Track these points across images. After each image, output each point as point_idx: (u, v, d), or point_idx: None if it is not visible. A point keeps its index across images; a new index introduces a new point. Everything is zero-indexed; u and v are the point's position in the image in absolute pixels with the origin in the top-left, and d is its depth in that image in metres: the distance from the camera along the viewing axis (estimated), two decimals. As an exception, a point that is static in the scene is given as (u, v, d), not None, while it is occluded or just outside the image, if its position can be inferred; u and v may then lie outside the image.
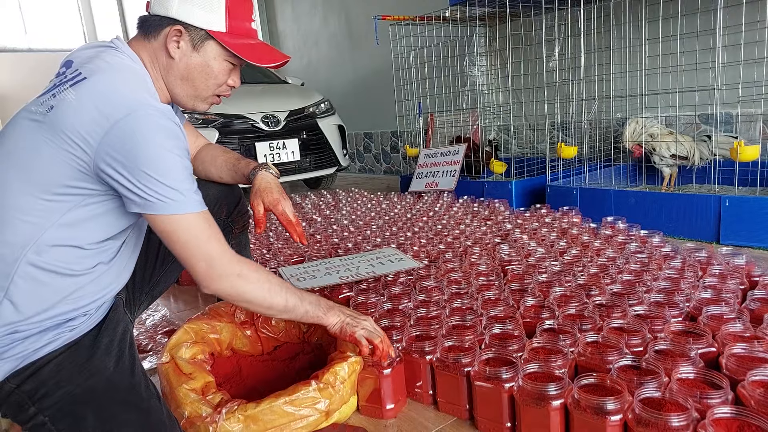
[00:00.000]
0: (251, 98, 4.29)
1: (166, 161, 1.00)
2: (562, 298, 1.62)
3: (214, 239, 1.07)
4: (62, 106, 0.98)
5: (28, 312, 1.03)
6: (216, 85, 1.19)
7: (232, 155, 1.58)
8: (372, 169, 6.46)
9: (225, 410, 1.17)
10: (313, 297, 1.27)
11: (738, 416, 1.00)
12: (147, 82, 1.10)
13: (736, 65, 2.73)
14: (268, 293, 1.15)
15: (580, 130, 3.67)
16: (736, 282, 1.67)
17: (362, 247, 2.42)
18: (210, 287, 1.09)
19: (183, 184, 1.02)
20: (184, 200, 1.02)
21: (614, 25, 3.55)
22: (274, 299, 1.16)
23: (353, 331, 1.27)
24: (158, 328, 1.97)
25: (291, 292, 1.20)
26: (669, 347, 1.27)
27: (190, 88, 1.18)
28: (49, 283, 1.03)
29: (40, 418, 1.01)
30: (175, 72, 1.15)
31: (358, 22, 6.13)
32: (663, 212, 2.70)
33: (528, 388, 1.15)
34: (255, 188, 1.50)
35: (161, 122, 1.01)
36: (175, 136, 1.03)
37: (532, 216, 2.83)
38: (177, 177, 1.02)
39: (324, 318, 1.27)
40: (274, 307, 1.18)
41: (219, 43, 1.14)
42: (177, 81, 1.16)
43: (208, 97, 1.21)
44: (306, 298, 1.24)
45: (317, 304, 1.26)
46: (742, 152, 2.53)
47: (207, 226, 1.07)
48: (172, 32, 1.11)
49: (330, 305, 1.29)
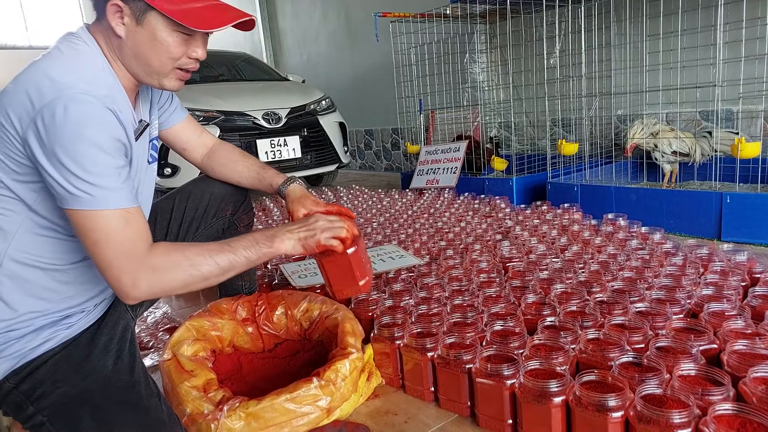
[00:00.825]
0: (252, 95, 4.29)
1: (84, 151, 0.94)
2: (563, 295, 1.62)
3: (128, 239, 0.98)
4: (2, 94, 0.98)
5: (20, 309, 1.03)
6: (171, 59, 1.09)
7: (253, 162, 1.54)
8: (373, 166, 6.45)
9: (227, 407, 1.18)
10: (247, 239, 1.12)
11: (739, 413, 1.00)
12: (95, 67, 1.05)
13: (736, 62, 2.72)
14: (192, 269, 1.03)
15: (580, 127, 3.67)
16: (738, 279, 1.67)
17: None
18: (129, 292, 0.98)
19: (100, 177, 0.95)
20: (99, 195, 0.95)
21: (615, 22, 3.55)
22: (203, 270, 1.04)
23: (317, 241, 1.18)
24: (160, 325, 1.98)
25: (218, 252, 1.07)
26: (670, 344, 1.27)
27: (144, 65, 1.09)
28: (33, 280, 1.03)
29: (38, 418, 1.01)
30: (126, 51, 1.07)
31: (358, 18, 6.12)
32: (664, 209, 2.70)
33: (529, 385, 1.15)
34: (292, 198, 1.45)
35: (88, 109, 0.95)
36: (100, 123, 0.97)
37: (533, 213, 2.83)
38: (94, 169, 0.95)
39: (274, 250, 1.14)
40: (210, 277, 1.06)
41: (161, 12, 1.03)
42: (131, 60, 1.09)
43: (169, 72, 1.11)
44: (239, 245, 1.10)
45: (256, 243, 1.12)
46: (743, 149, 2.52)
47: (123, 224, 0.98)
48: (111, 9, 1.03)
49: (271, 234, 1.15)
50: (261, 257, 1.13)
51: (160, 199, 1.54)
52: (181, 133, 1.47)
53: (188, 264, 1.03)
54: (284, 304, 1.61)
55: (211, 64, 5.11)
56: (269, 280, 2.07)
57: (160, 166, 3.68)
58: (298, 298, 1.62)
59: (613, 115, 3.78)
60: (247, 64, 5.29)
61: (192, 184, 1.57)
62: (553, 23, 3.46)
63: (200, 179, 1.58)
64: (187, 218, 1.52)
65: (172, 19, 1.04)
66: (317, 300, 1.61)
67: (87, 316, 1.13)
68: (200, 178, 1.58)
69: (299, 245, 1.17)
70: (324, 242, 1.19)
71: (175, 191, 1.56)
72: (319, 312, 1.58)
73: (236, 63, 5.25)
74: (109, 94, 1.02)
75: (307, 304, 1.60)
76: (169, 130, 1.44)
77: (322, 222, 1.21)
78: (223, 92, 4.21)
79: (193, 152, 1.53)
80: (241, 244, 1.11)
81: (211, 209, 1.55)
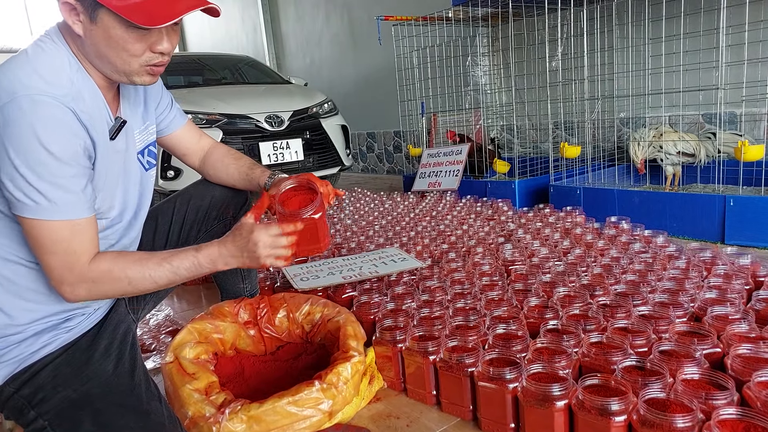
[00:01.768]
0: (255, 98, 4.29)
1: (38, 157, 0.92)
2: (565, 298, 1.62)
3: (72, 250, 0.99)
4: None
5: (13, 313, 1.03)
6: (132, 56, 1.03)
7: (244, 163, 1.53)
8: (375, 169, 6.46)
9: (228, 410, 1.18)
10: (189, 260, 1.12)
11: (744, 417, 1.00)
12: (58, 66, 1.02)
13: (739, 65, 2.72)
14: (129, 287, 1.07)
15: (583, 130, 3.66)
16: (741, 282, 1.66)
17: (365, 246, 2.42)
18: (69, 298, 1.03)
19: (51, 186, 0.94)
20: (48, 206, 0.95)
21: (617, 25, 3.54)
22: (140, 287, 1.08)
23: (262, 266, 1.17)
24: (162, 327, 1.98)
25: (157, 268, 1.08)
26: (674, 348, 1.26)
27: (108, 63, 1.04)
28: (16, 281, 1.03)
29: (39, 422, 1.01)
30: (88, 50, 1.03)
31: (361, 22, 6.13)
32: (667, 212, 2.69)
33: (532, 389, 1.14)
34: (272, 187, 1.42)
35: (45, 110, 0.93)
36: (57, 125, 0.94)
37: (536, 216, 2.83)
38: (46, 176, 0.93)
39: (215, 270, 1.16)
40: (147, 291, 1.10)
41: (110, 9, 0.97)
42: (95, 59, 1.04)
43: (135, 70, 1.05)
44: (181, 266, 1.11)
45: (198, 267, 1.13)
46: (746, 152, 2.52)
47: (69, 236, 0.98)
48: (64, 8, 0.99)
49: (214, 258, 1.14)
50: (202, 275, 1.16)
51: (161, 202, 1.53)
52: (182, 138, 1.47)
53: (126, 282, 1.06)
54: (286, 307, 1.61)
55: (214, 68, 5.13)
56: (271, 283, 2.07)
57: (162, 169, 3.69)
58: (300, 300, 1.62)
59: (616, 118, 3.78)
60: (250, 67, 5.30)
61: (193, 187, 1.57)
62: (556, 26, 3.46)
63: (201, 182, 1.58)
64: (188, 221, 1.52)
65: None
66: (319, 303, 1.61)
67: (87, 319, 1.13)
68: (201, 181, 1.58)
69: (242, 267, 1.18)
70: (269, 264, 1.17)
71: (176, 194, 1.55)
72: (321, 315, 1.57)
73: (239, 66, 5.27)
74: (70, 93, 1.00)
75: (309, 307, 1.60)
76: (170, 136, 1.44)
77: (262, 246, 1.14)
78: (226, 95, 4.22)
79: (192, 157, 1.52)
80: (183, 264, 1.11)
81: (212, 212, 1.55)
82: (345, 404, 1.29)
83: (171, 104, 1.40)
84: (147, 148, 1.27)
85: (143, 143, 1.25)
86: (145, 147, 1.26)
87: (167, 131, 1.42)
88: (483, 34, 4.62)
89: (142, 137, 1.25)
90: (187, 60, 5.35)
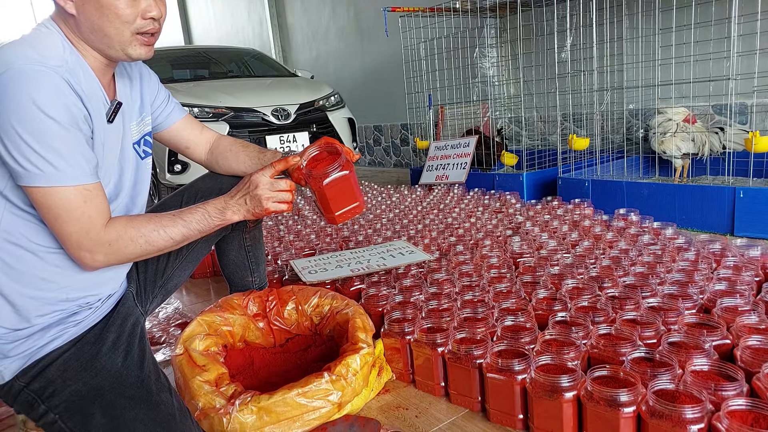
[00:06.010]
0: (261, 91, 4.30)
1: (40, 125, 0.93)
2: (574, 290, 1.61)
3: (86, 216, 1.01)
4: None
5: (21, 305, 1.04)
6: (125, 23, 1.05)
7: (253, 149, 1.54)
8: (382, 162, 6.45)
9: (238, 402, 1.19)
10: (199, 212, 1.19)
11: (753, 408, 0.99)
12: (54, 46, 1.04)
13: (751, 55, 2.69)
14: (147, 245, 1.10)
15: (592, 122, 3.64)
16: (751, 274, 1.65)
17: (373, 239, 2.43)
18: (88, 264, 1.05)
19: (57, 153, 0.96)
20: (57, 171, 0.96)
21: (627, 15, 3.51)
22: (158, 245, 1.12)
23: (265, 210, 1.24)
24: (171, 320, 1.99)
25: (171, 225, 1.14)
26: (683, 339, 1.26)
27: (103, 37, 1.06)
28: (21, 269, 1.03)
29: (50, 416, 1.02)
30: (82, 28, 1.06)
31: (368, 14, 6.10)
32: (676, 204, 2.67)
33: (540, 380, 1.15)
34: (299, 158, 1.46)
35: (40, 77, 0.95)
36: (53, 92, 0.96)
37: (544, 208, 2.82)
38: (51, 143, 0.95)
39: (225, 222, 1.23)
40: (164, 249, 1.14)
41: None
42: (89, 36, 1.06)
43: (128, 40, 1.08)
44: (192, 219, 1.17)
45: (208, 217, 1.19)
46: (757, 143, 2.49)
47: (82, 201, 1.00)
48: None
49: (221, 207, 1.22)
50: (213, 228, 1.22)
51: (169, 196, 1.54)
52: (182, 130, 1.48)
53: (143, 241, 1.10)
54: (295, 299, 1.62)
55: (220, 61, 5.13)
56: (280, 276, 2.08)
57: (170, 163, 3.70)
58: (308, 293, 1.63)
59: (625, 110, 3.75)
60: (256, 60, 5.30)
61: (200, 180, 1.57)
62: (564, 17, 3.43)
63: (208, 176, 1.58)
64: None
65: None
66: (328, 295, 1.61)
67: (94, 313, 1.14)
68: (208, 174, 1.58)
69: (249, 215, 1.25)
70: (272, 209, 1.24)
71: (183, 188, 1.56)
72: (330, 307, 1.58)
73: (245, 59, 5.27)
74: (63, 65, 1.01)
75: (318, 300, 1.61)
76: (168, 129, 1.45)
77: (262, 186, 1.23)
78: (232, 89, 4.22)
79: (196, 150, 1.53)
80: (194, 218, 1.18)
81: None
82: (354, 396, 1.30)
83: (168, 98, 1.41)
84: (143, 137, 1.28)
85: (139, 134, 1.26)
86: (141, 137, 1.27)
87: (166, 124, 1.43)
88: (491, 25, 4.59)
89: (139, 128, 1.26)
90: (193, 53, 5.36)
